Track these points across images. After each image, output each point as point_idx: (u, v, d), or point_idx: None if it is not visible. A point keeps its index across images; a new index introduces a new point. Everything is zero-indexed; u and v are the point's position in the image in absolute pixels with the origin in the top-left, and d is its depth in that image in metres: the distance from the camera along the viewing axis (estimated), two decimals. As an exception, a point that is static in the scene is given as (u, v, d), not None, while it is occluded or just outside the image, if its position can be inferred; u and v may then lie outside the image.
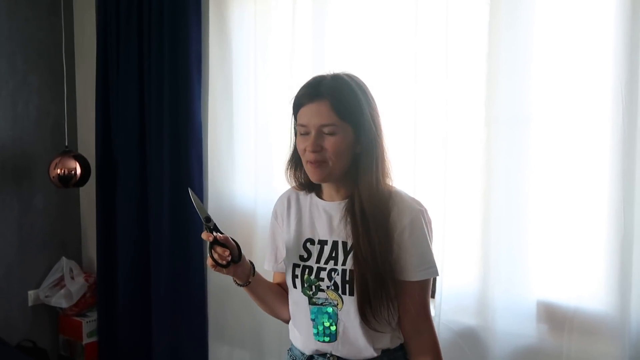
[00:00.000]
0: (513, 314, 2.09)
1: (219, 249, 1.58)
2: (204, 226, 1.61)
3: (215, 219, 1.62)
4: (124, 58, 3.20)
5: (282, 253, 1.74)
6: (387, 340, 1.62)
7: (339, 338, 1.62)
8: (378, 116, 1.62)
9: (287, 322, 1.79)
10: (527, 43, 2.03)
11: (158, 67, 3.02)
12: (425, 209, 1.62)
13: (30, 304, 3.57)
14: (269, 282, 1.82)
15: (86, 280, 3.58)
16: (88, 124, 3.54)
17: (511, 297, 2.10)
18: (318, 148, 1.54)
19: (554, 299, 2.04)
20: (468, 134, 2.15)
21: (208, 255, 1.60)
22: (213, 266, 1.59)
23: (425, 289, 1.61)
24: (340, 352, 1.63)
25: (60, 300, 3.48)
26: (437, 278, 2.22)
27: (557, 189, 2.01)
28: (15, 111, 3.43)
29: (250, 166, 2.81)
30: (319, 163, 1.55)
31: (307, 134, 1.56)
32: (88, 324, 3.53)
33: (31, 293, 3.57)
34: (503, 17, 2.04)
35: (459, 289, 2.21)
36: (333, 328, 1.62)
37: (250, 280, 1.70)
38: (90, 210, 3.61)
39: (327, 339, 1.63)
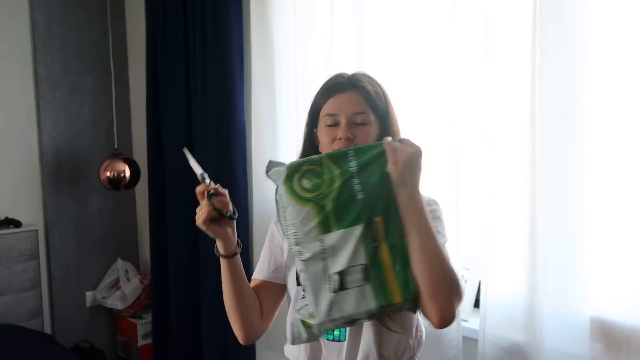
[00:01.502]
0: (564, 330, 1.87)
1: (218, 200, 1.41)
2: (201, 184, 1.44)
3: (257, 218, 1.49)
4: (171, 58, 3.17)
5: (280, 258, 1.61)
6: (395, 344, 1.48)
7: (347, 337, 1.49)
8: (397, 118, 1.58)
9: (250, 332, 1.56)
10: (577, 29, 1.81)
11: (202, 66, 2.98)
12: (438, 205, 1.55)
13: (88, 304, 3.61)
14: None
15: (141, 282, 3.58)
16: (141, 126, 3.53)
17: (561, 311, 1.88)
18: (351, 136, 1.46)
19: (609, 316, 1.81)
20: (512, 130, 1.95)
21: (205, 208, 1.40)
22: (206, 221, 1.40)
23: None
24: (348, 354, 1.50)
25: (115, 302, 3.50)
26: (482, 288, 2.07)
27: (615, 191, 1.78)
28: (69, 113, 3.47)
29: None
30: None
31: (335, 124, 1.49)
32: (143, 326, 3.52)
33: (89, 294, 3.61)
34: (549, 3, 1.82)
35: (504, 299, 2.01)
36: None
37: (237, 251, 1.48)
38: (146, 212, 3.60)
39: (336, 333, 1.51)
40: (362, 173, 1.32)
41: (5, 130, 3.27)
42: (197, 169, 1.46)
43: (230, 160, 2.91)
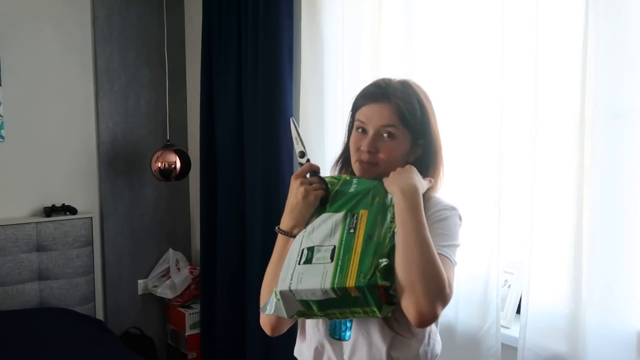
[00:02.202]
0: (608, 343, 1.78)
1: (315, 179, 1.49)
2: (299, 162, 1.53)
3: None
4: (225, 53, 3.20)
5: None
6: (404, 349, 1.43)
7: (352, 337, 1.45)
8: (439, 131, 1.57)
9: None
10: (635, 23, 1.70)
11: (253, 61, 2.99)
12: (459, 212, 1.51)
13: (140, 292, 3.68)
14: None
15: (191, 272, 3.63)
16: (196, 119, 3.57)
17: (607, 322, 1.79)
18: (374, 149, 1.49)
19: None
20: (560, 131, 1.87)
21: (319, 185, 1.47)
22: (317, 198, 1.46)
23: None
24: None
25: (165, 291, 3.55)
26: (523, 294, 1.99)
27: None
28: (126, 105, 3.54)
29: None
30: (371, 165, 1.50)
31: (364, 131, 1.51)
32: (191, 316, 3.56)
33: (141, 282, 3.68)
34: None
35: (547, 307, 1.93)
36: (349, 324, 1.46)
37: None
38: (198, 204, 3.64)
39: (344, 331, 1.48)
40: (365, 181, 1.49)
41: (65, 120, 3.37)
42: (298, 147, 1.52)
43: (277, 155, 2.91)
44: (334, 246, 1.34)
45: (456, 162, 2.13)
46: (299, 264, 1.34)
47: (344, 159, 1.63)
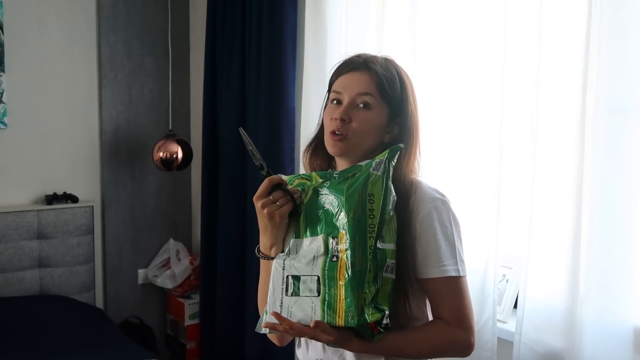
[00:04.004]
0: (605, 339, 1.77)
1: (278, 195, 1.36)
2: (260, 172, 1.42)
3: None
4: (229, 42, 3.19)
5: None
6: None
7: None
8: (418, 111, 1.47)
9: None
10: (635, 21, 1.69)
11: (256, 51, 2.98)
12: (448, 199, 1.42)
13: (140, 282, 3.68)
14: None
15: (191, 263, 3.63)
16: (199, 109, 3.56)
17: (604, 318, 1.78)
18: (347, 118, 1.39)
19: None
20: (560, 126, 1.86)
21: (285, 200, 1.36)
22: (285, 214, 1.35)
23: (450, 291, 1.38)
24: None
25: (165, 281, 3.56)
26: (520, 288, 1.98)
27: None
28: (130, 94, 3.54)
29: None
30: (342, 136, 1.40)
31: (339, 102, 1.42)
32: (190, 306, 3.57)
33: (141, 272, 3.68)
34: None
35: (544, 303, 1.92)
36: None
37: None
38: (200, 194, 3.64)
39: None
40: (335, 188, 1.35)
41: (68, 109, 3.37)
42: (256, 159, 1.43)
43: (279, 145, 2.90)
44: (318, 277, 1.30)
45: (456, 155, 2.13)
46: (286, 294, 1.32)
47: (316, 144, 1.53)
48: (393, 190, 1.33)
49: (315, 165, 1.54)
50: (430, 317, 1.44)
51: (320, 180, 1.39)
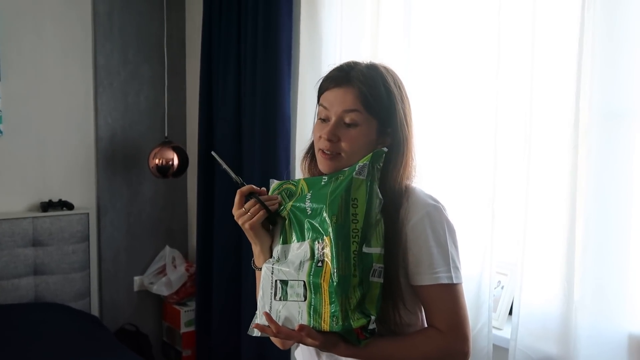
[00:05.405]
0: (600, 345, 1.77)
1: (249, 205, 1.39)
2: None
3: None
4: (225, 50, 3.20)
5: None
6: None
7: None
8: (410, 115, 1.45)
9: None
10: (632, 21, 1.70)
11: (252, 59, 2.99)
12: (442, 205, 1.41)
13: (135, 289, 3.68)
14: None
15: (187, 270, 3.63)
16: (195, 116, 3.57)
17: (599, 325, 1.78)
18: (334, 138, 1.39)
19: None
20: (554, 131, 1.86)
21: (256, 209, 1.38)
22: (257, 223, 1.38)
23: (444, 298, 1.37)
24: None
25: (161, 288, 3.55)
26: (515, 295, 1.98)
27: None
28: (126, 101, 3.54)
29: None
30: (332, 155, 1.40)
31: (326, 119, 1.42)
32: (186, 313, 3.56)
33: (137, 279, 3.68)
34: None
35: (539, 309, 1.92)
36: None
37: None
38: (196, 201, 3.64)
39: None
40: (318, 193, 1.36)
41: (64, 116, 3.37)
42: (231, 173, 1.47)
43: (274, 152, 2.91)
44: (304, 282, 1.31)
45: (450, 161, 2.14)
46: (275, 298, 1.34)
47: (314, 152, 1.50)
48: (379, 194, 1.33)
49: (315, 171, 1.53)
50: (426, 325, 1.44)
51: (307, 186, 1.41)
